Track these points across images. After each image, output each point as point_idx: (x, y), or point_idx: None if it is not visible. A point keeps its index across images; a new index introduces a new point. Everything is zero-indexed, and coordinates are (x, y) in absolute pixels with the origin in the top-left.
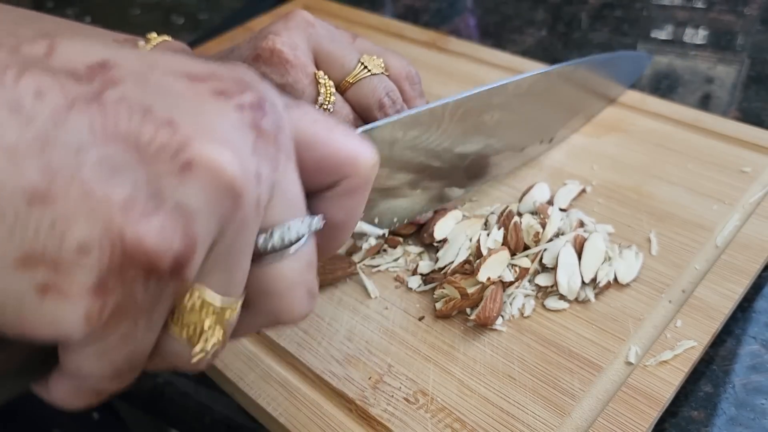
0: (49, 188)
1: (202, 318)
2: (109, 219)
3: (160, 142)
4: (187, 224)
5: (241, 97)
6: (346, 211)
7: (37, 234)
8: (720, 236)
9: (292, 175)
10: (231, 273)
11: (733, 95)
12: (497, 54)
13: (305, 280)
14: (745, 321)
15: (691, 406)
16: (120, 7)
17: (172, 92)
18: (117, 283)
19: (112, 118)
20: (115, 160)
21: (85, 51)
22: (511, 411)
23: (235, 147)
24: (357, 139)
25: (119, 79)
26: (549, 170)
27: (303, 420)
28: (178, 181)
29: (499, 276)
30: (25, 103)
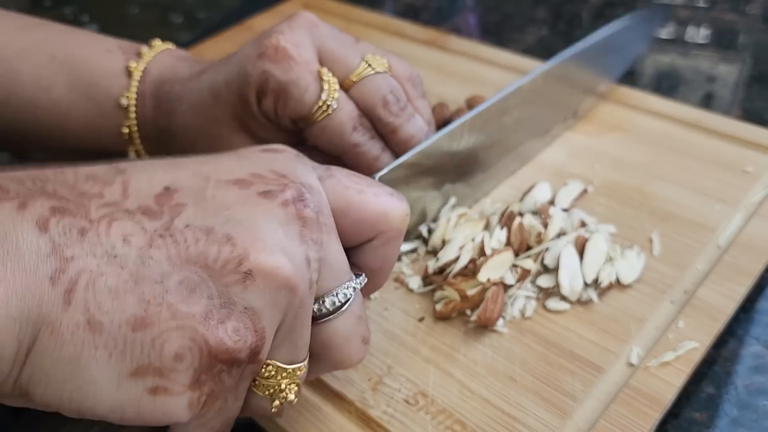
0: (145, 315)
1: (278, 381)
2: (194, 330)
3: (224, 259)
4: (256, 321)
5: (283, 193)
6: (383, 259)
7: (142, 352)
8: (722, 236)
9: (335, 247)
10: (296, 344)
11: (735, 94)
12: (498, 53)
13: (358, 330)
14: (748, 322)
15: (693, 408)
16: (118, 5)
17: (226, 204)
18: (208, 376)
19: (183, 245)
20: (191, 280)
21: (151, 181)
22: (512, 412)
23: (285, 245)
24: (386, 195)
25: (182, 203)
26: (550, 170)
27: (302, 422)
28: (243, 289)
29: (500, 277)
30: (118, 250)
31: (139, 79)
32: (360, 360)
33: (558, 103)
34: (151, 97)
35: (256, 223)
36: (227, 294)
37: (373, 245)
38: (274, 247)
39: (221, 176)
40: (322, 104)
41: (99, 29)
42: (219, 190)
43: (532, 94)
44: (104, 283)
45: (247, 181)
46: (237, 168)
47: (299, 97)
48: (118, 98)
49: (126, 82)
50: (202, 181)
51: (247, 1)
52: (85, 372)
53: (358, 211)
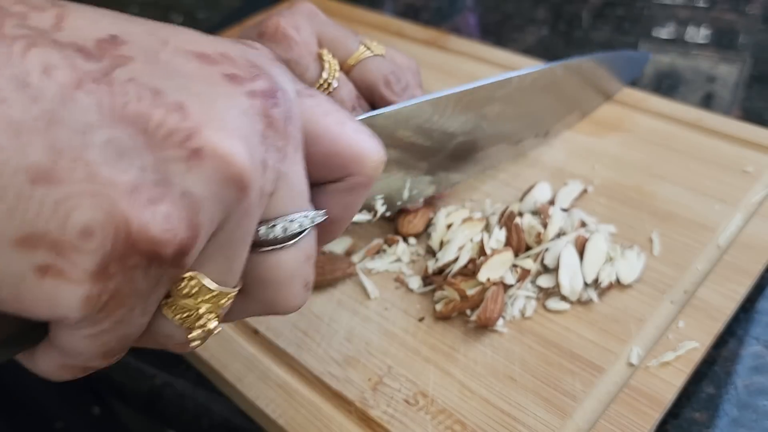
0: (54, 168)
1: (197, 304)
2: (114, 203)
3: (170, 127)
4: (193, 213)
5: (252, 83)
6: (346, 206)
7: (39, 214)
8: (722, 236)
9: (298, 167)
10: (230, 261)
11: (735, 94)
12: (498, 53)
13: (303, 272)
14: (748, 322)
15: (693, 408)
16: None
17: (182, 73)
18: (118, 268)
19: (121, 98)
20: (123, 142)
21: (95, 24)
22: (512, 413)
23: (244, 136)
24: (366, 136)
25: (129, 56)
26: (550, 170)
27: (302, 422)
28: (186, 168)
29: (500, 277)
30: (32, 79)
31: None
32: (297, 306)
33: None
34: None
35: (214, 101)
36: (164, 170)
37: (338, 187)
38: (233, 132)
39: (182, 44)
40: (323, 82)
41: None
42: (177, 57)
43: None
44: (4, 113)
45: (211, 58)
46: (203, 42)
47: (299, 75)
48: None
49: None
50: (158, 43)
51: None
52: None
53: (333, 142)
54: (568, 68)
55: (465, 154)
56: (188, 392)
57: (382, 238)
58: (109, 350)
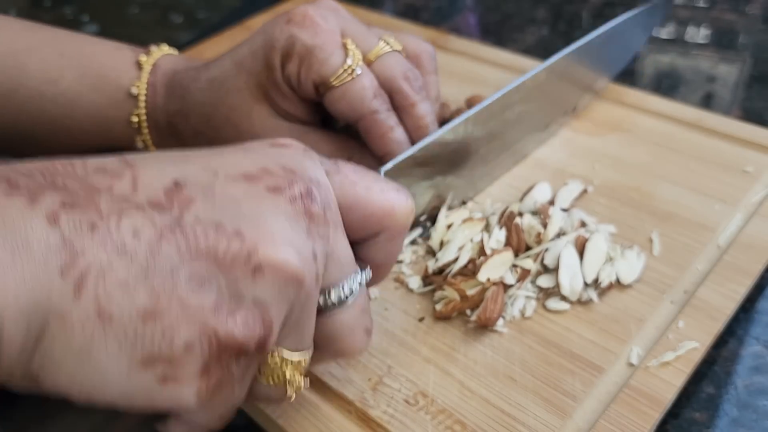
0: (156, 307)
1: (283, 370)
2: (204, 322)
3: (233, 253)
4: (265, 313)
5: (291, 189)
6: (387, 254)
7: (152, 342)
8: (722, 236)
9: (341, 241)
10: (301, 334)
11: (735, 94)
12: (498, 53)
13: (361, 322)
14: (748, 322)
15: (693, 408)
16: (118, 5)
17: (234, 200)
18: (217, 366)
19: (193, 239)
20: (201, 274)
21: (161, 174)
22: (512, 412)
23: (293, 240)
24: (393, 192)
25: (191, 198)
26: (550, 170)
27: (302, 422)
28: (252, 282)
29: (500, 277)
30: (128, 244)
31: (149, 71)
32: (362, 350)
33: (558, 99)
34: (163, 85)
35: (264, 218)
36: (236, 287)
37: (378, 240)
38: (283, 242)
39: (229, 170)
40: (347, 68)
41: (99, 29)
42: (227, 185)
43: (532, 91)
44: (114, 276)
45: (255, 176)
46: (245, 162)
47: (324, 59)
48: (128, 88)
49: (136, 74)
50: (211, 176)
51: (247, 1)
52: (95, 361)
53: (365, 207)
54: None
55: (492, 157)
56: None
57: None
58: (221, 416)
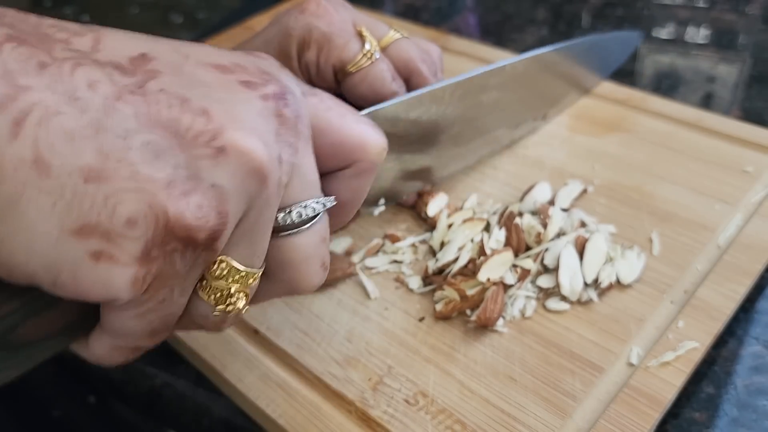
0: (102, 168)
1: (228, 284)
2: (153, 196)
3: (197, 130)
4: (221, 202)
5: (265, 87)
6: (354, 191)
7: (91, 208)
8: (722, 236)
9: (309, 158)
10: (254, 245)
11: (735, 95)
12: (498, 53)
13: (319, 252)
14: (747, 322)
15: (693, 408)
16: (118, 5)
17: (204, 83)
18: (159, 252)
19: (154, 107)
20: (158, 144)
21: (127, 44)
22: (512, 412)
23: (261, 134)
24: (367, 125)
25: (158, 70)
26: (550, 170)
27: (302, 422)
28: (213, 164)
29: (499, 277)
30: (80, 94)
31: None
32: (316, 285)
33: (531, 100)
34: None
35: (232, 105)
36: (195, 167)
37: (346, 174)
38: (251, 129)
39: (201, 57)
40: (366, 52)
41: None
42: (198, 69)
43: (509, 80)
44: (60, 124)
45: (228, 68)
46: (219, 55)
47: (343, 45)
48: None
49: None
50: (181, 58)
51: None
52: (23, 216)
53: (338, 133)
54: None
55: (464, 141)
56: (188, 392)
57: (381, 237)
58: (154, 329)
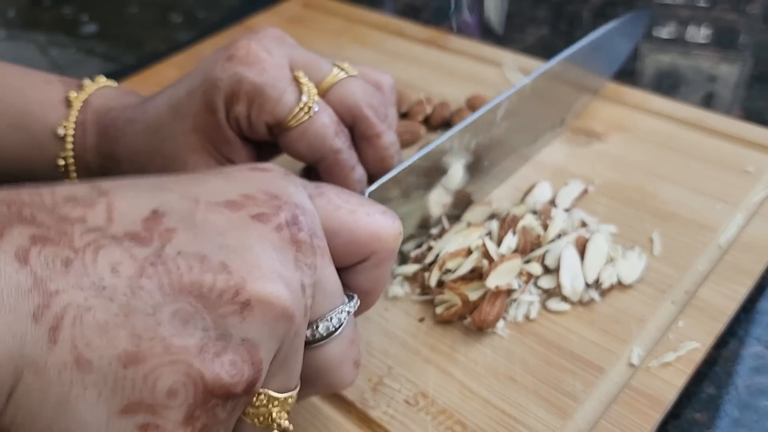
0: (138, 350)
1: (269, 409)
2: (188, 365)
3: (220, 288)
4: (253, 354)
5: (277, 217)
6: (375, 280)
7: (133, 388)
8: (723, 236)
9: (329, 270)
10: (289, 372)
11: (736, 94)
12: (498, 52)
13: (350, 354)
14: (749, 322)
15: (694, 408)
16: (118, 5)
17: (218, 229)
18: (202, 412)
19: (176, 274)
20: (186, 311)
21: (137, 203)
22: (513, 413)
23: (281, 272)
24: (379, 215)
25: (172, 229)
26: (550, 170)
27: (302, 422)
28: (240, 320)
29: (507, 284)
30: (106, 282)
31: (79, 109)
32: (351, 383)
33: (550, 108)
34: (94, 124)
35: (250, 249)
36: (223, 325)
37: (366, 266)
38: (271, 275)
39: (210, 197)
40: (303, 106)
41: (99, 29)
42: (210, 214)
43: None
44: (92, 318)
45: (238, 203)
46: (226, 189)
47: (278, 99)
48: (54, 127)
49: (64, 112)
50: (192, 204)
51: (247, 1)
52: (74, 412)
53: (350, 232)
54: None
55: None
56: None
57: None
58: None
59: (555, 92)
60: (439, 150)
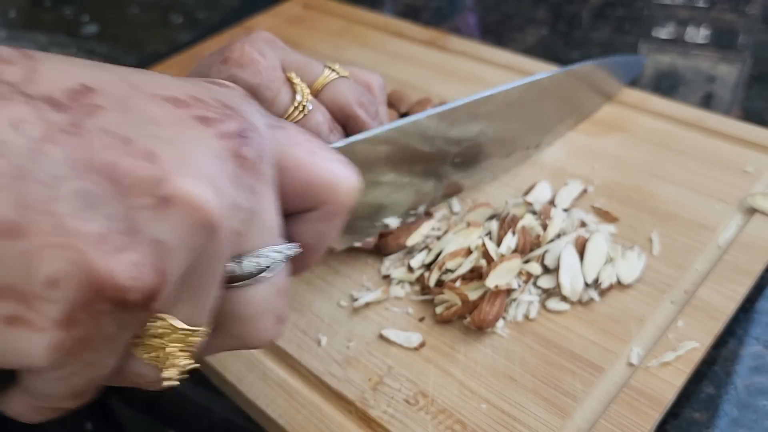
0: (21, 222)
1: (166, 342)
2: (80, 253)
3: (138, 175)
4: (160, 259)
5: (224, 124)
6: (320, 236)
7: (5, 267)
8: (722, 236)
9: (270, 202)
10: (198, 301)
11: (735, 94)
12: (498, 53)
13: (275, 306)
14: (748, 322)
15: (693, 408)
16: (118, 5)
17: (154, 119)
18: (84, 315)
19: (90, 149)
20: (92, 192)
21: (67, 74)
22: (513, 412)
23: (214, 180)
24: (339, 163)
25: (100, 105)
26: (550, 170)
27: (302, 422)
28: (154, 216)
29: (506, 283)
30: (3, 135)
31: None
32: (269, 340)
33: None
34: None
35: (184, 146)
36: (133, 218)
37: (313, 216)
38: (202, 176)
39: (153, 89)
40: (298, 105)
41: (99, 29)
42: (148, 103)
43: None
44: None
45: (182, 101)
46: (175, 86)
47: (272, 99)
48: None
49: None
50: (130, 89)
51: (247, 1)
52: None
53: (305, 172)
54: (561, 78)
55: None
56: (189, 392)
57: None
58: (78, 392)
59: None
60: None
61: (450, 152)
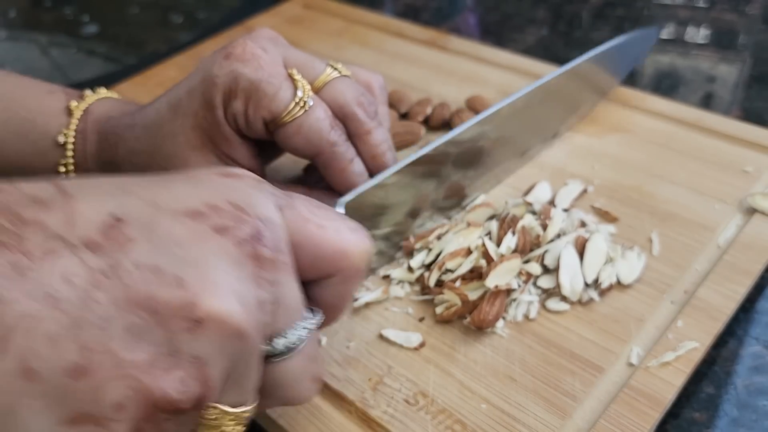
0: (85, 364)
1: (222, 423)
2: (137, 381)
3: (174, 305)
4: (203, 371)
5: (239, 230)
6: (340, 297)
7: (78, 400)
8: (722, 236)
9: (290, 287)
10: (243, 388)
11: (735, 95)
12: (498, 53)
13: (309, 371)
14: (747, 322)
15: (693, 408)
16: (118, 5)
17: (177, 241)
18: (149, 426)
19: (130, 288)
20: (137, 326)
21: (98, 207)
22: (512, 412)
23: (237, 289)
24: (348, 231)
25: (130, 238)
26: (550, 170)
27: (302, 422)
28: (192, 337)
29: (506, 283)
30: (59, 292)
31: (79, 118)
32: (309, 398)
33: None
34: (94, 132)
35: (207, 264)
36: (175, 341)
37: (331, 282)
38: (226, 293)
39: (173, 205)
40: (299, 101)
41: (99, 29)
42: (170, 223)
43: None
44: (43, 329)
45: (201, 213)
46: (191, 196)
47: (273, 94)
48: (55, 136)
49: (65, 121)
50: (153, 211)
51: (247, 1)
52: (19, 420)
53: (317, 247)
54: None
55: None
56: None
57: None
58: None
59: (565, 92)
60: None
61: (450, 153)
